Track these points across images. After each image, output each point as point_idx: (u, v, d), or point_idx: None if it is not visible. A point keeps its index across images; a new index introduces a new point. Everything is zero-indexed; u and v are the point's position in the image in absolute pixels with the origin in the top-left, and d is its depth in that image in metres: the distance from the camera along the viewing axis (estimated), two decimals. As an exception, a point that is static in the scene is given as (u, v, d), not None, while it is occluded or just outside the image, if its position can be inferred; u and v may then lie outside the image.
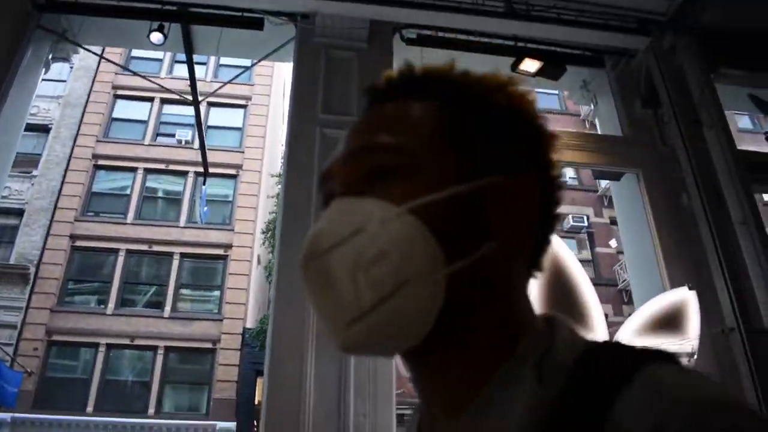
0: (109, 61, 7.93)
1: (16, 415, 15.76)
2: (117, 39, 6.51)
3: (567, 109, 20.31)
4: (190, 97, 7.92)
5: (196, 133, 15.25)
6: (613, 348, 0.58)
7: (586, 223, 19.58)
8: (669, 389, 0.50)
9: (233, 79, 8.35)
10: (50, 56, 5.31)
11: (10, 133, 4.73)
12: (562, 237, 18.41)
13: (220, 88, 9.40)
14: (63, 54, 5.46)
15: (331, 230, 0.62)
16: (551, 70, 5.14)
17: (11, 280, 17.54)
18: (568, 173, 19.25)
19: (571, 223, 19.24)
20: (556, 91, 16.69)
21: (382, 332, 0.60)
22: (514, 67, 5.09)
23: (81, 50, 5.65)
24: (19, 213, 18.65)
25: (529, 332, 0.63)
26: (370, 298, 0.58)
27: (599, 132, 5.93)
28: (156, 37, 5.25)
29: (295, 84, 4.59)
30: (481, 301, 0.63)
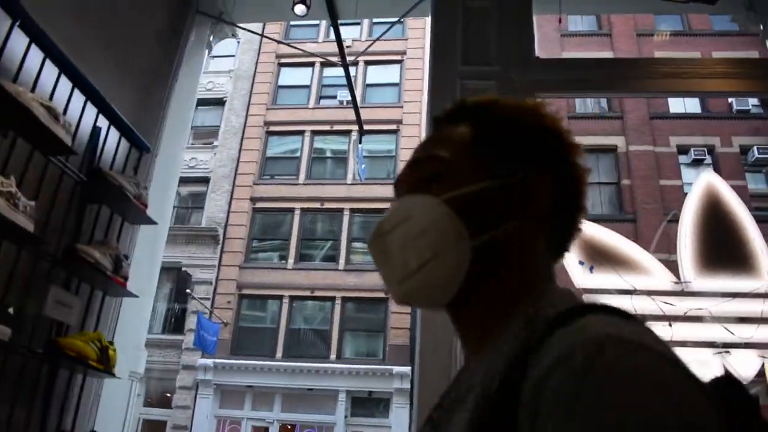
0: (261, 35, 8.39)
1: (218, 360, 17.54)
2: (266, 14, 6.89)
3: (747, 29, 17.79)
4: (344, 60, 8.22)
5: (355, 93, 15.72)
6: (585, 304, 0.69)
7: (774, 155, 17.09)
8: (589, 328, 0.60)
9: (379, 37, 8.44)
10: (211, 37, 5.73)
11: (183, 110, 5.15)
12: (745, 171, 16.41)
13: (368, 47, 9.59)
14: (222, 35, 5.86)
15: (391, 217, 0.85)
16: (706, -5, 4.60)
17: (204, 242, 19.24)
18: (750, 102, 16.77)
19: (756, 155, 16.48)
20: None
21: (424, 288, 0.81)
22: (664, -7, 4.63)
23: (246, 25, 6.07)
24: (206, 180, 20.21)
25: (534, 295, 0.78)
26: (415, 263, 0.80)
27: (772, 55, 5.28)
28: (299, 9, 5.48)
29: (434, 37, 4.54)
30: (500, 269, 0.81)
